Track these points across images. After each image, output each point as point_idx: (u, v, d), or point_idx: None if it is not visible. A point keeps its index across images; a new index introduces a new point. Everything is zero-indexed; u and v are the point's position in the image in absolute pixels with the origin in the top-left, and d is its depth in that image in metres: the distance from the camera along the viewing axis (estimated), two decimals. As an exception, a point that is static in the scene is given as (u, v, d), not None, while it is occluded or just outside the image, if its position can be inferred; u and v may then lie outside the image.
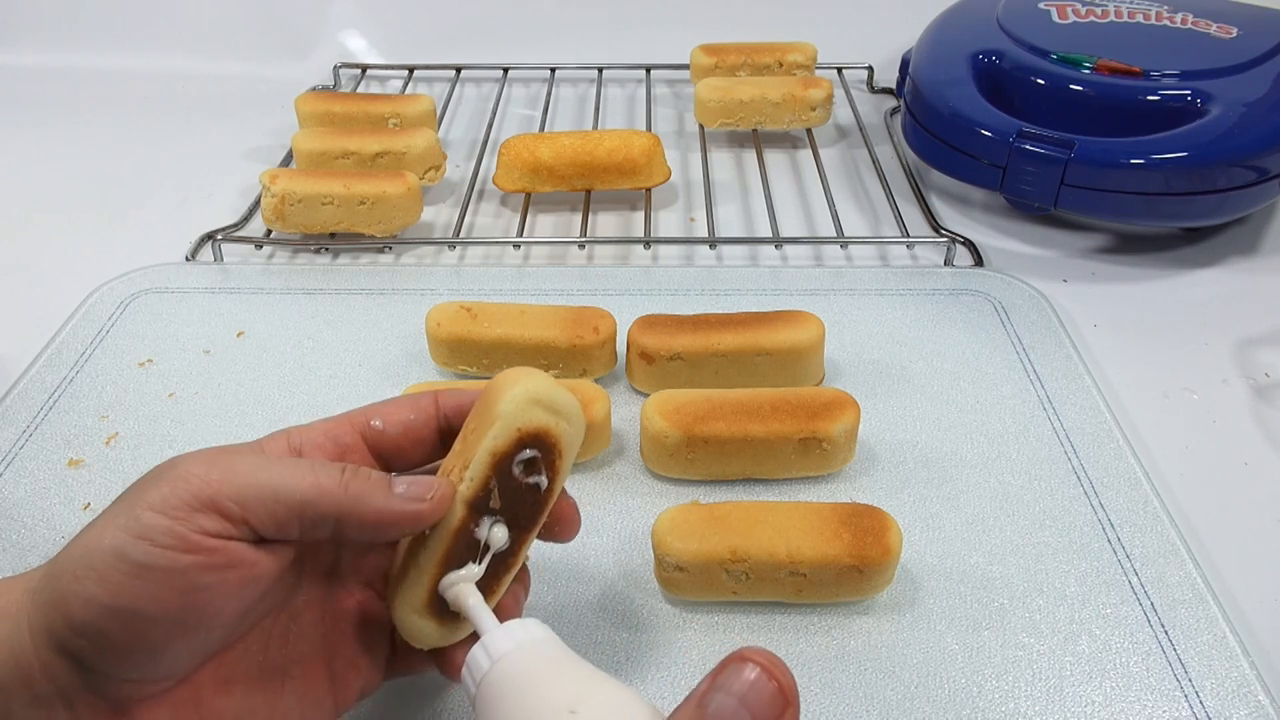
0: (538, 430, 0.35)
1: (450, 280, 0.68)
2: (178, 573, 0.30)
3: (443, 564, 0.35)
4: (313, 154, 0.76)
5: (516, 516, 0.36)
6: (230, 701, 0.33)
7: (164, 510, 0.30)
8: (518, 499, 0.36)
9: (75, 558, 0.30)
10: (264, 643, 0.35)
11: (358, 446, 0.37)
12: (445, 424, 0.38)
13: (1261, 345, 0.64)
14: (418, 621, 0.35)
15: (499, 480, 0.35)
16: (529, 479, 0.36)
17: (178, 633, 0.31)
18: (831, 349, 0.60)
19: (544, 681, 0.31)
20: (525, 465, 0.35)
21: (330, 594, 0.37)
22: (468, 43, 1.02)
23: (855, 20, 1.02)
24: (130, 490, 0.32)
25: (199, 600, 0.30)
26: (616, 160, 0.74)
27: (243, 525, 0.31)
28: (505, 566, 0.36)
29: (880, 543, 0.44)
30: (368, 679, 0.37)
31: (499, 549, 0.35)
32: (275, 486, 0.31)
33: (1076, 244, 0.74)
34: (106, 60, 1.03)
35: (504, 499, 0.35)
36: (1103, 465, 0.53)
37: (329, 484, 0.32)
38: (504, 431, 0.35)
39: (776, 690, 0.28)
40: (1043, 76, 0.74)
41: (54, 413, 0.57)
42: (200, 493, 0.30)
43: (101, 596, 0.29)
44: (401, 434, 0.37)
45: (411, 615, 0.35)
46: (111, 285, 0.68)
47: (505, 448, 0.35)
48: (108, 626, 0.29)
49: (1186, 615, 0.45)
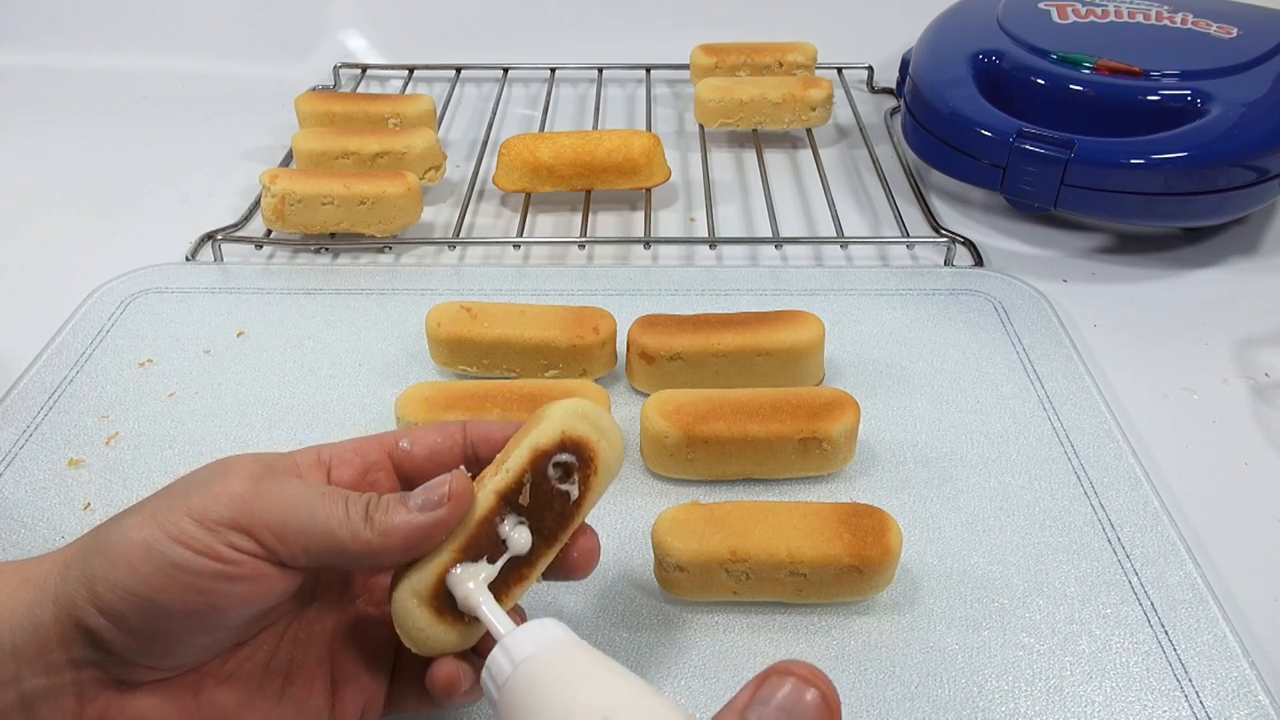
0: (580, 438, 0.36)
1: (450, 280, 0.68)
2: (202, 575, 0.31)
3: (461, 551, 0.34)
4: (313, 154, 0.76)
5: (541, 524, 0.36)
6: (229, 696, 0.34)
7: (203, 521, 0.32)
8: (546, 504, 0.36)
9: (112, 542, 0.32)
10: (273, 646, 0.36)
11: (384, 464, 0.38)
12: (472, 452, 0.38)
13: (1261, 345, 0.64)
14: (416, 609, 0.34)
15: (533, 477, 0.35)
16: (562, 485, 0.36)
17: (194, 628, 0.32)
18: (831, 349, 0.60)
19: (573, 685, 0.30)
20: (561, 470, 0.36)
21: (341, 608, 0.38)
22: (468, 43, 1.02)
23: (855, 20, 1.02)
24: (178, 486, 0.34)
25: (217, 602, 0.32)
26: (616, 160, 0.74)
27: (273, 552, 0.33)
28: (518, 577, 0.36)
29: (880, 543, 0.44)
30: (370, 699, 0.37)
31: (517, 553, 0.35)
32: (310, 524, 0.33)
33: (1076, 244, 0.74)
34: (106, 60, 1.03)
35: (534, 499, 0.36)
36: (1103, 465, 0.53)
37: (359, 525, 0.33)
38: (549, 430, 0.36)
39: (820, 700, 0.28)
40: (1043, 76, 0.74)
41: (54, 412, 0.57)
42: (240, 516, 0.32)
43: (129, 583, 0.31)
44: (427, 457, 0.38)
45: (412, 600, 0.34)
46: (111, 285, 0.68)
47: (547, 445, 0.36)
48: (129, 612, 0.31)
49: (1186, 615, 0.45)
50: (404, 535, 0.33)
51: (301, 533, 0.33)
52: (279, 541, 0.32)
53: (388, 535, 0.33)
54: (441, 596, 0.34)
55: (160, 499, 0.33)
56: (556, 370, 0.58)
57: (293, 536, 0.32)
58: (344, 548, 0.33)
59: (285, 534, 0.32)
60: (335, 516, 0.33)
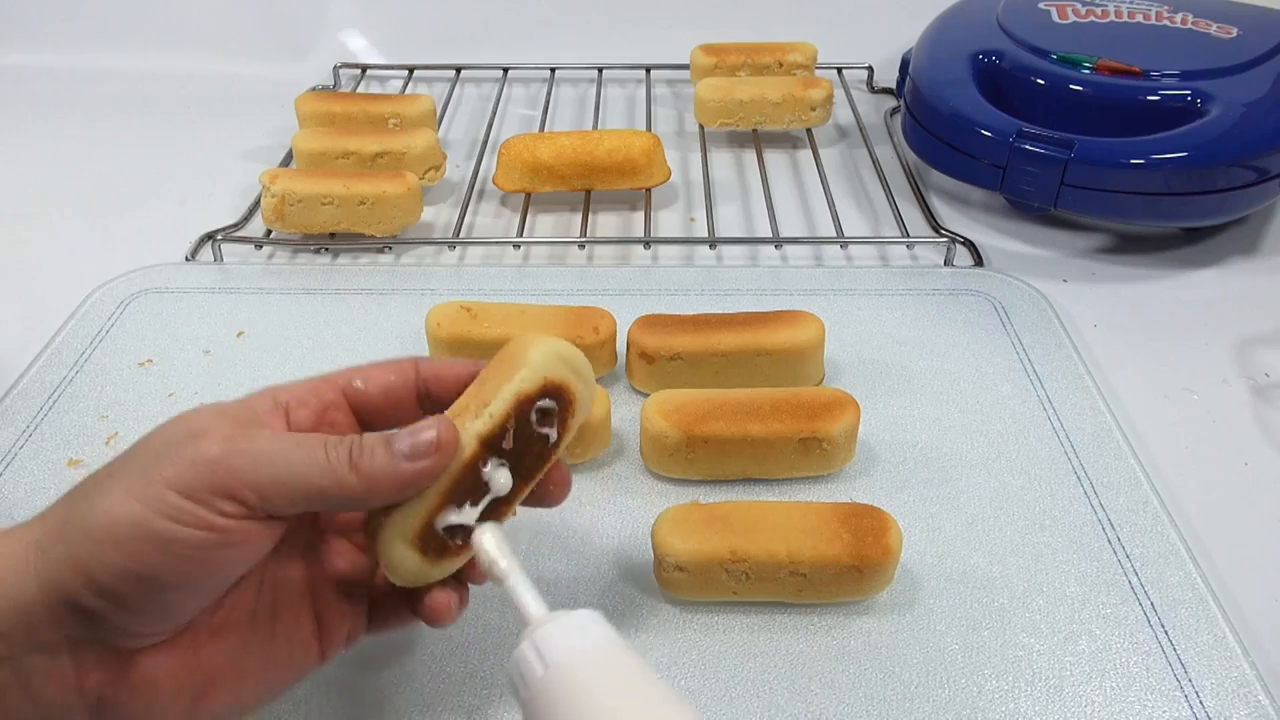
0: (561, 383, 0.37)
1: (450, 280, 0.68)
2: (197, 547, 0.32)
3: (446, 496, 0.35)
4: (313, 154, 0.76)
5: (520, 465, 0.36)
6: (226, 646, 0.35)
7: (187, 492, 0.32)
8: (526, 446, 0.36)
9: (93, 523, 0.32)
10: (255, 591, 0.36)
11: (340, 404, 0.38)
12: (424, 388, 0.39)
13: (1261, 345, 0.64)
14: (403, 551, 0.35)
15: (516, 423, 0.36)
16: (541, 428, 0.37)
17: (191, 595, 0.33)
18: (831, 349, 0.60)
19: (612, 704, 0.29)
20: (541, 414, 0.36)
21: (312, 543, 0.39)
22: (468, 43, 1.02)
23: (855, 20, 1.02)
24: (143, 453, 0.33)
25: (214, 570, 0.33)
26: (616, 160, 0.74)
27: (259, 509, 0.33)
28: (497, 515, 0.36)
29: (880, 543, 0.44)
30: (352, 625, 0.38)
31: (498, 494, 0.36)
32: (292, 475, 0.33)
33: (1076, 244, 0.74)
34: (107, 60, 1.03)
35: (516, 442, 0.36)
36: (1103, 465, 0.53)
37: (343, 472, 0.33)
38: (532, 377, 0.36)
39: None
40: (1043, 76, 0.74)
41: (54, 412, 0.57)
42: (223, 481, 0.32)
43: (124, 563, 0.31)
44: (381, 395, 0.39)
45: (399, 543, 0.35)
46: (111, 285, 0.68)
47: (531, 391, 0.36)
48: (127, 590, 0.31)
49: (1186, 615, 0.45)
50: (390, 482, 0.34)
51: (284, 484, 0.33)
52: (262, 498, 0.32)
53: (373, 481, 0.33)
54: (428, 538, 0.35)
55: (131, 471, 0.33)
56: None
57: (276, 490, 0.33)
58: (327, 494, 0.33)
59: (268, 489, 0.32)
60: (316, 463, 0.33)
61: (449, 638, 0.44)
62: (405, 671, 0.43)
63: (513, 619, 0.37)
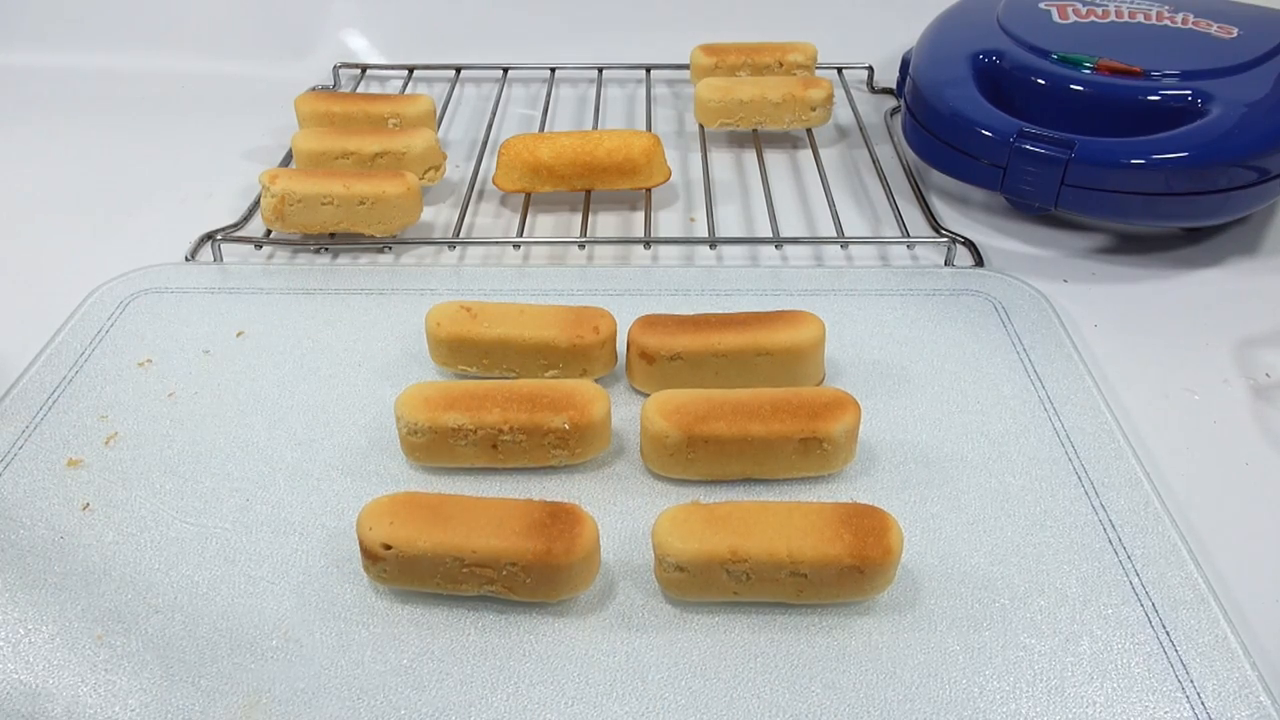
0: None
1: (450, 280, 0.68)
2: None
3: None
4: (313, 154, 0.76)
5: None
6: None
7: None
8: None
9: None
10: None
11: None
12: None
13: (1261, 345, 0.64)
14: None
15: None
16: None
17: None
18: (831, 349, 0.60)
19: None
20: None
21: None
22: (468, 43, 1.02)
23: (855, 20, 1.02)
24: None
25: None
26: (616, 160, 0.74)
27: None
28: None
29: (881, 543, 0.44)
30: None
31: None
32: None
33: (1076, 244, 0.74)
34: (106, 60, 1.03)
35: None
36: (1103, 465, 0.53)
37: None
38: None
39: None
40: (1043, 76, 0.74)
41: (53, 412, 0.57)
42: None
43: None
44: None
45: None
46: (111, 285, 0.68)
47: None
48: None
49: (1188, 616, 0.45)
50: None
51: None
52: None
53: None
54: None
55: None
56: (556, 370, 0.58)
57: None
58: None
59: None
60: None
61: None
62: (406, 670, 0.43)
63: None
